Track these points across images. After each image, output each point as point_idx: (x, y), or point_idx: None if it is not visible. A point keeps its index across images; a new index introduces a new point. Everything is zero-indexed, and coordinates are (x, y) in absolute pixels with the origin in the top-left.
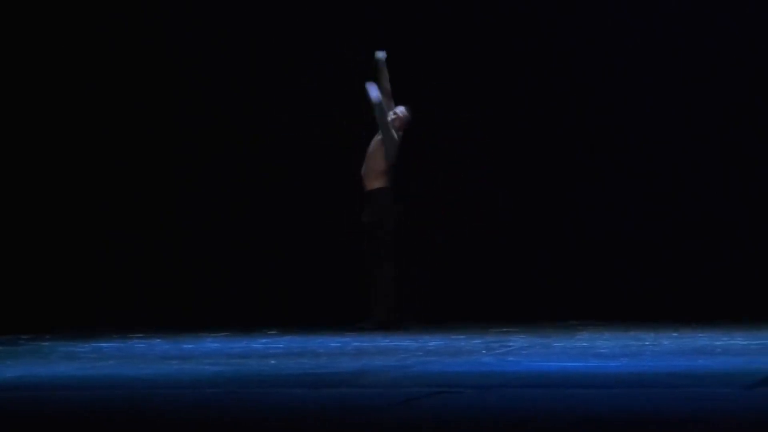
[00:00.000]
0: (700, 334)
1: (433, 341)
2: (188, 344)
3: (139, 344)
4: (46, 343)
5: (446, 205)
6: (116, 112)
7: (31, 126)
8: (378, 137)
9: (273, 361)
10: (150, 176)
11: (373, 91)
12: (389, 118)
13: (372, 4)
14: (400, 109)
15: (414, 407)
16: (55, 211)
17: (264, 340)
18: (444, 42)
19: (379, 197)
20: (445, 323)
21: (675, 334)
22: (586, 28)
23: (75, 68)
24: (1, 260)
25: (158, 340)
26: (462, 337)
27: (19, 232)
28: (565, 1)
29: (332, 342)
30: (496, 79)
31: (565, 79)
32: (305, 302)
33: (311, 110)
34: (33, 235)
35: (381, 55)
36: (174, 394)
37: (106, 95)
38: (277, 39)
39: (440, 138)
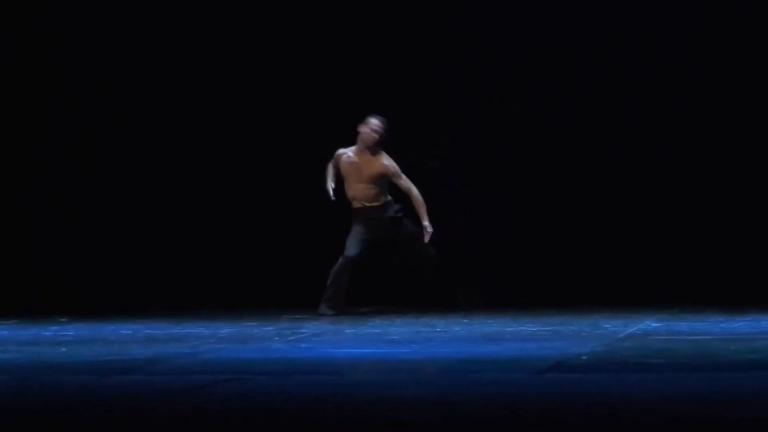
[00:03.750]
0: (490, 321)
1: (226, 328)
2: None
3: None
4: None
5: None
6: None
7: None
8: None
9: (64, 349)
10: None
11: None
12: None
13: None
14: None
15: (205, 394)
16: None
17: (55, 328)
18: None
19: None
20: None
21: (466, 321)
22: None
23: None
24: None
25: None
26: (254, 323)
27: None
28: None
29: (123, 329)
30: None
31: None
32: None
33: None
34: None
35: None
36: None
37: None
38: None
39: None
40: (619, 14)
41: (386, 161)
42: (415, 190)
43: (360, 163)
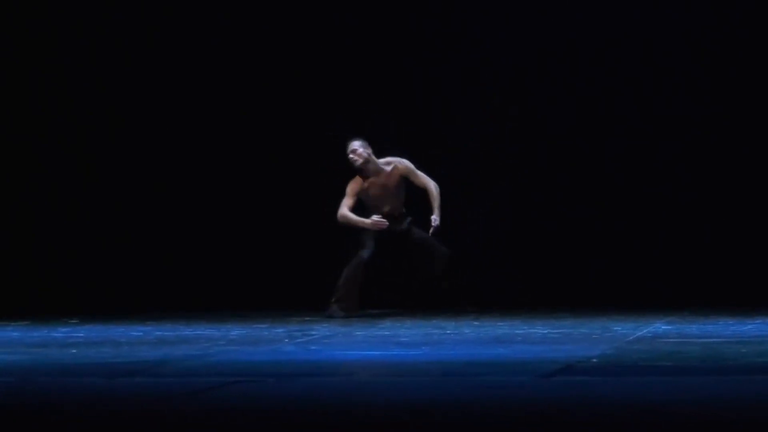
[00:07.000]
0: (500, 323)
1: (236, 330)
2: None
3: None
4: None
5: None
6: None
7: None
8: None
9: (73, 350)
10: None
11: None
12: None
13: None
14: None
15: (212, 397)
16: None
17: (65, 329)
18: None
19: None
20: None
21: (476, 323)
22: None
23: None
24: None
25: None
26: (265, 325)
27: None
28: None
29: (134, 331)
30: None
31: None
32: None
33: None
34: None
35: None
36: None
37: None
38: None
39: None
40: (619, 14)
41: (400, 164)
42: (431, 184)
43: (382, 180)
